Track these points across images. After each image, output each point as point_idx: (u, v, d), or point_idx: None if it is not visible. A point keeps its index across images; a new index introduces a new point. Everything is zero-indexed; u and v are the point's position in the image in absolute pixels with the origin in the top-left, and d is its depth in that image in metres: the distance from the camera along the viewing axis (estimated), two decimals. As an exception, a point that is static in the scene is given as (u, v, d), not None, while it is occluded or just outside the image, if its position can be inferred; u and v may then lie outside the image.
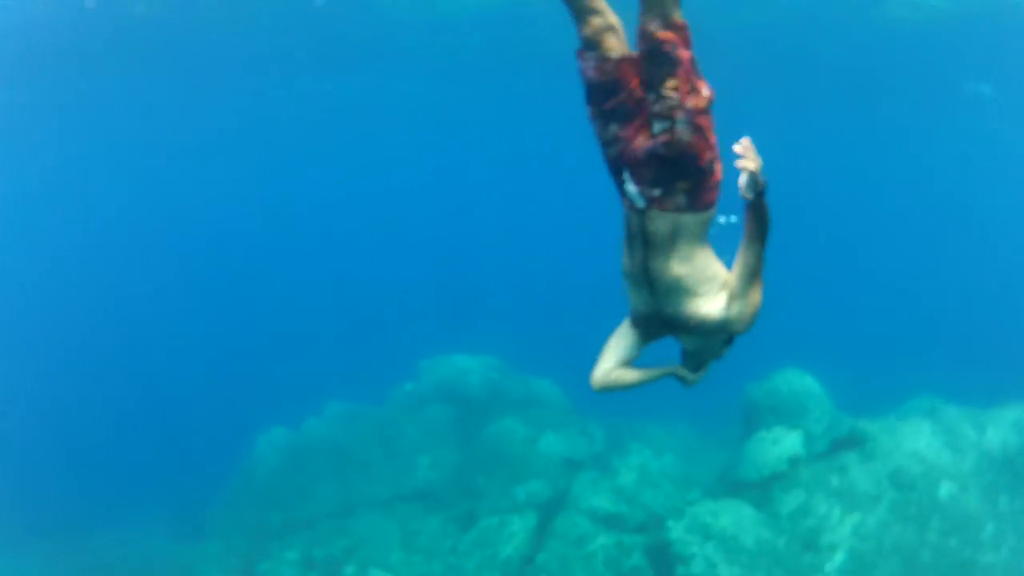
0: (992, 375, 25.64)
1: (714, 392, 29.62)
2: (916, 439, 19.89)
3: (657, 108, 4.90)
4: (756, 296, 5.31)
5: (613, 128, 5.16)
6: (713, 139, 4.94)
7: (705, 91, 4.85)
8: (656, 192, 5.05)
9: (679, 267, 5.24)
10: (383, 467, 24.98)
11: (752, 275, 5.20)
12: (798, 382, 22.47)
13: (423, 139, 49.70)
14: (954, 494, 18.62)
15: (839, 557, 17.63)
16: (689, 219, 5.09)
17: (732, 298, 5.31)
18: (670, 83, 4.80)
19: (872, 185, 50.77)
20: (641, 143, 5.04)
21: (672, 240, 5.17)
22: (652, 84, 4.91)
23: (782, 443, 19.98)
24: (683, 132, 4.82)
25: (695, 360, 6.02)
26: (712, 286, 5.35)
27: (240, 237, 57.58)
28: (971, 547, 18.10)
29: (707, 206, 5.11)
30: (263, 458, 26.08)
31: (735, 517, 18.34)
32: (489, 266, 50.33)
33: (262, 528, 23.60)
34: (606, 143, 5.24)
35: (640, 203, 5.13)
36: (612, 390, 5.90)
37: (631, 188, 5.16)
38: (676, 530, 18.30)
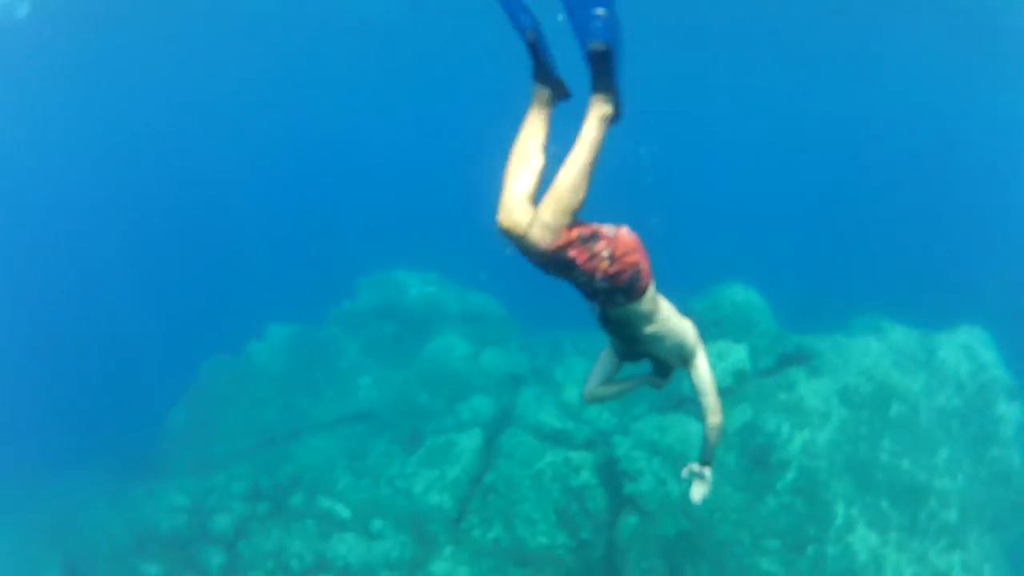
0: (937, 299, 25.34)
1: None
2: (865, 357, 19.31)
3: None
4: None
5: (567, 276, 6.15)
6: (635, 258, 6.15)
7: (603, 253, 5.96)
8: (601, 301, 6.42)
9: (645, 327, 6.72)
10: (325, 389, 24.56)
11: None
12: (742, 296, 22.11)
13: (353, 62, 48.84)
14: (905, 415, 18.25)
15: (789, 475, 17.19)
16: (635, 305, 6.43)
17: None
18: (580, 271, 5.98)
19: (814, 100, 49.71)
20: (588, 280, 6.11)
21: (630, 317, 6.57)
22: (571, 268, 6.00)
23: (727, 357, 19.39)
24: (609, 281, 6.08)
25: (662, 369, 7.41)
26: (672, 324, 7.01)
27: (176, 164, 56.03)
28: (925, 471, 17.74)
29: (643, 292, 6.38)
30: (205, 388, 25.58)
31: (682, 432, 18.03)
32: (425, 183, 49.31)
33: (207, 461, 23.08)
34: (567, 280, 6.26)
35: (597, 311, 6.61)
36: (601, 402, 7.36)
37: (589, 302, 6.54)
38: (623, 446, 18.09)
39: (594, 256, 5.92)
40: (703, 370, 7.16)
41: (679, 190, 43.86)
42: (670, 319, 6.97)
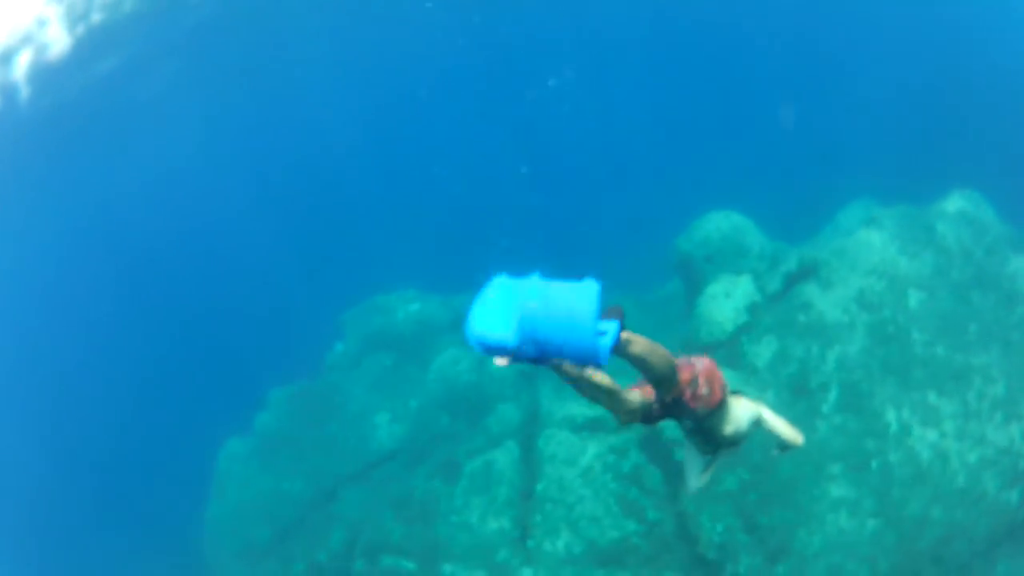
0: (918, 167, 24.75)
1: (642, 253, 28.97)
2: (869, 254, 18.92)
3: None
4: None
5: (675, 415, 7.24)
6: (722, 382, 7.42)
7: (703, 391, 7.15)
8: (695, 419, 7.42)
9: (726, 427, 7.70)
10: (345, 440, 24.16)
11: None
12: (727, 223, 21.71)
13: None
14: (925, 301, 18.03)
15: (832, 395, 17.00)
16: (721, 413, 7.53)
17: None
18: (690, 410, 7.16)
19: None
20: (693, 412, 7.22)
21: (716, 424, 7.57)
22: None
23: (735, 293, 19.01)
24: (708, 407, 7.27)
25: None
26: (740, 412, 7.93)
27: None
28: (960, 352, 17.39)
29: (726, 403, 7.54)
30: (228, 475, 25.19)
31: None
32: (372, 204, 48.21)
33: (255, 549, 22.90)
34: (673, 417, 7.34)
35: (689, 426, 7.66)
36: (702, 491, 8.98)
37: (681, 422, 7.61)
38: None
39: (697, 396, 7.09)
40: (773, 421, 8.35)
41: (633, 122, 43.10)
42: (739, 410, 7.91)
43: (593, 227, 36.77)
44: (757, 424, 8.26)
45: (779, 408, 15.31)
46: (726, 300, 18.87)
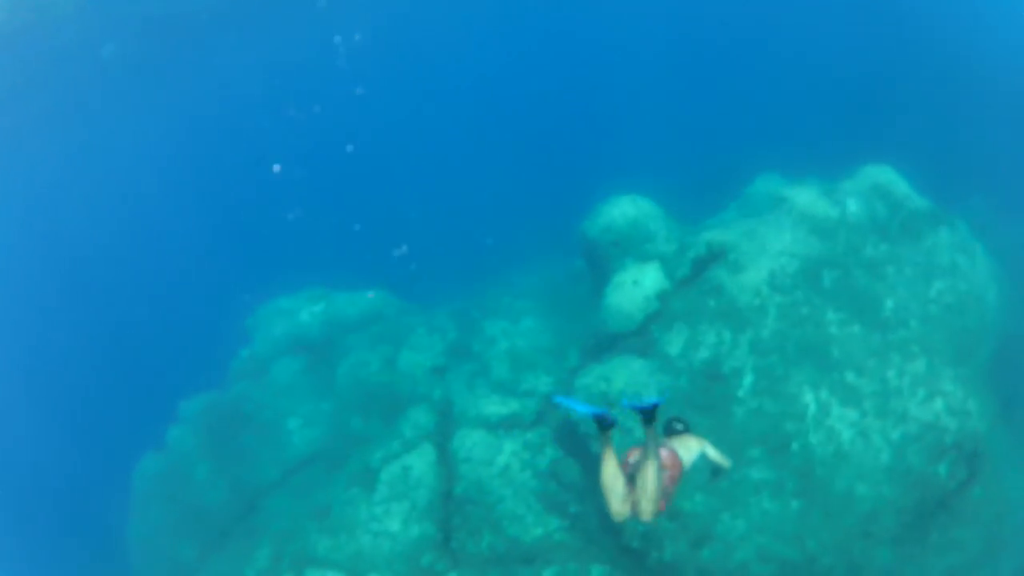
0: (823, 140, 24.63)
1: (544, 236, 28.52)
2: (780, 236, 18.90)
3: None
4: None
5: None
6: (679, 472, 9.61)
7: (671, 489, 9.34)
8: None
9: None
10: (260, 449, 23.35)
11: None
12: (631, 208, 21.24)
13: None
14: (839, 280, 18.10)
15: (748, 380, 16.82)
16: None
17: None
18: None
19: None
20: None
21: None
22: None
23: (643, 281, 18.86)
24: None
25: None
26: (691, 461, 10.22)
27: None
28: (878, 329, 17.41)
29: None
30: (145, 493, 24.37)
31: (628, 375, 17.51)
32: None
33: (182, 566, 22.06)
34: None
35: None
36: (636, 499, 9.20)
37: None
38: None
39: (668, 497, 9.20)
40: (710, 453, 10.72)
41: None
42: (688, 458, 10.06)
43: (501, 208, 36.25)
44: (702, 456, 10.60)
45: (693, 395, 14.96)
46: (634, 289, 18.73)
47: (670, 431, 10.78)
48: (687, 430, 10.91)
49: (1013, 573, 16.48)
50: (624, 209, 20.96)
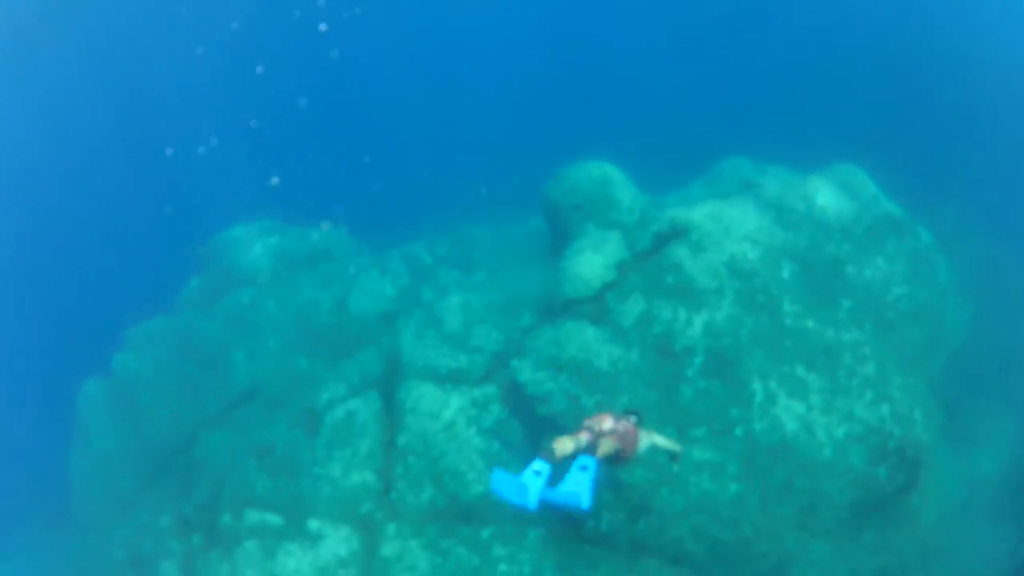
0: (794, 131, 24.89)
1: (504, 192, 28.44)
2: (744, 221, 19.02)
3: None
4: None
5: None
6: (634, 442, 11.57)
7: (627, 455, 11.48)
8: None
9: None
10: (204, 380, 23.22)
11: None
12: (598, 173, 21.09)
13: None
14: (799, 274, 18.45)
15: (698, 360, 16.93)
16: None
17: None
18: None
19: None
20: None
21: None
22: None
23: (603, 249, 18.90)
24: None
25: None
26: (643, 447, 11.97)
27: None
28: (831, 327, 17.68)
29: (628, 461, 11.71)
30: (88, 419, 24.36)
31: (580, 342, 17.58)
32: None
33: (121, 498, 22.22)
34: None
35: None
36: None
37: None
38: (524, 370, 17.71)
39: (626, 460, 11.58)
40: (662, 442, 12.42)
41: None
42: (643, 445, 11.83)
43: (465, 158, 36.07)
44: (652, 446, 12.23)
45: (643, 369, 15.00)
46: (594, 255, 18.74)
47: (625, 419, 12.30)
48: (640, 424, 12.32)
49: None
50: (590, 174, 20.90)
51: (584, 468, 10.38)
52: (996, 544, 17.90)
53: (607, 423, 11.50)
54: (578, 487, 10.00)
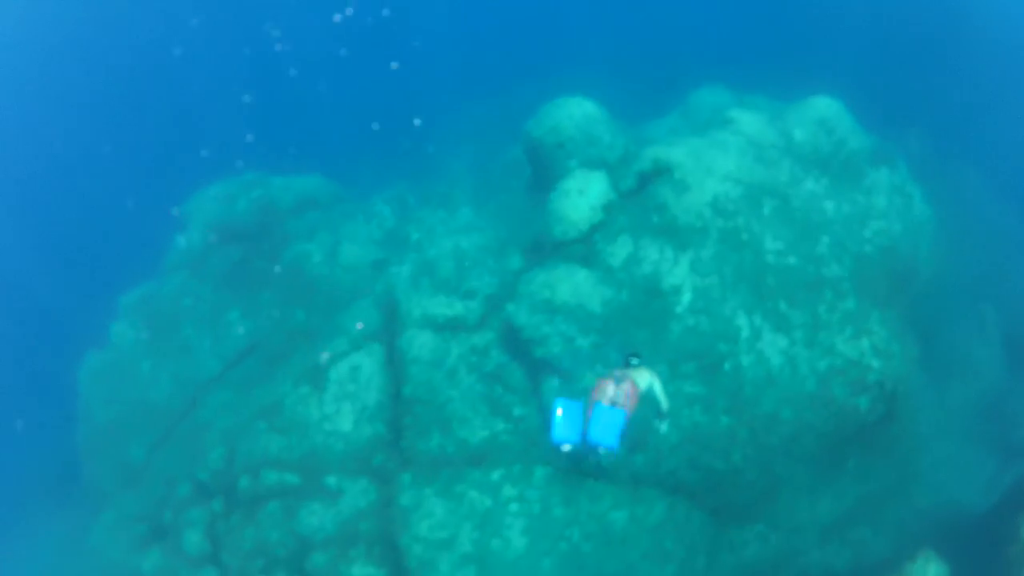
0: (771, 65, 25.04)
1: (477, 122, 28.45)
2: (726, 160, 19.53)
3: None
4: None
5: None
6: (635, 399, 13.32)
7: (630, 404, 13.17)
8: None
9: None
10: (201, 340, 23.86)
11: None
12: (578, 110, 21.51)
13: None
14: (779, 210, 19.06)
15: (685, 298, 17.61)
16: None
17: None
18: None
19: None
20: None
21: None
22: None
23: (589, 191, 19.22)
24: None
25: None
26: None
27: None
28: (812, 263, 18.29)
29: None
30: (91, 393, 24.66)
31: (572, 285, 18.15)
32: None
33: (132, 469, 22.70)
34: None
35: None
36: None
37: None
38: (520, 315, 18.19)
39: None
40: (658, 391, 13.77)
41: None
42: (642, 384, 13.55)
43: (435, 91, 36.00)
44: (650, 387, 13.64)
45: (632, 308, 15.64)
46: (580, 197, 19.10)
47: (628, 365, 13.53)
48: (642, 365, 13.99)
49: (924, 507, 18.04)
50: (570, 111, 21.37)
51: (612, 416, 12.74)
52: (973, 468, 18.93)
53: (609, 390, 13.00)
54: (609, 430, 12.62)
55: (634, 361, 13.80)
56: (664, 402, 13.85)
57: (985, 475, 19.31)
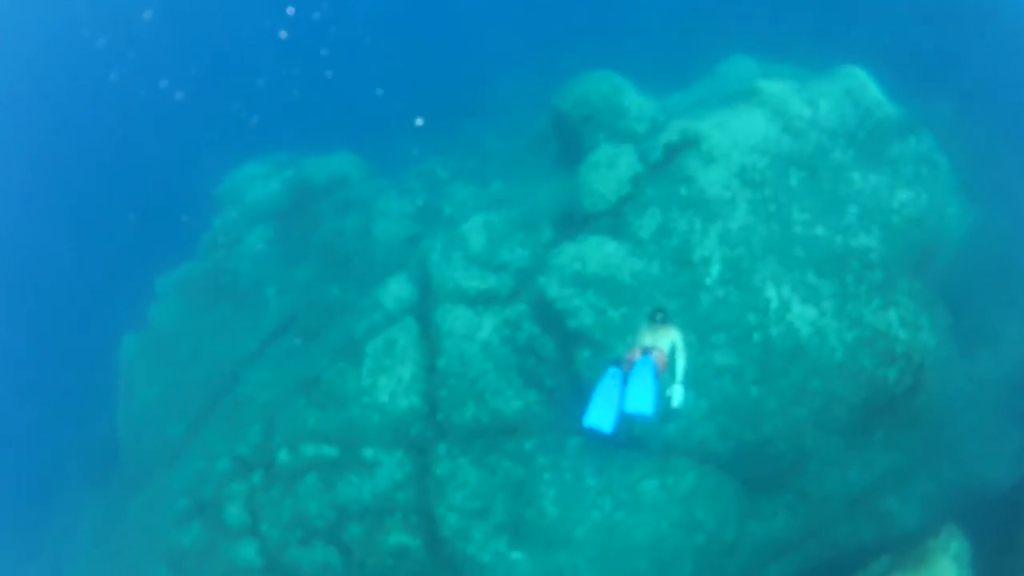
0: (798, 35, 24.92)
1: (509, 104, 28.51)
2: (752, 131, 19.73)
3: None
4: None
5: None
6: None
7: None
8: None
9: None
10: (238, 319, 24.43)
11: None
12: (605, 83, 21.86)
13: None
14: (806, 181, 19.26)
15: (715, 269, 17.86)
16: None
17: None
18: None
19: None
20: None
21: None
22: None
23: (617, 164, 19.55)
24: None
25: None
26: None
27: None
28: (839, 234, 18.46)
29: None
30: (130, 373, 25.32)
31: (602, 257, 18.43)
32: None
33: (172, 447, 23.13)
34: None
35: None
36: None
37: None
38: (551, 287, 18.42)
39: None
40: (679, 347, 13.51)
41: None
42: (665, 343, 13.55)
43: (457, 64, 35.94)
44: (673, 348, 13.59)
45: (662, 280, 15.75)
46: (608, 170, 19.44)
47: (653, 320, 14.19)
48: (666, 320, 14.19)
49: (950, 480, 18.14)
50: (597, 86, 21.72)
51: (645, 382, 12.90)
52: (1001, 442, 18.96)
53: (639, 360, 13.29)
54: (643, 398, 12.70)
55: (658, 316, 14.02)
56: (681, 362, 13.45)
57: (1012, 449, 19.40)
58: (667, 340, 13.57)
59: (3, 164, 45.76)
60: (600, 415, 13.04)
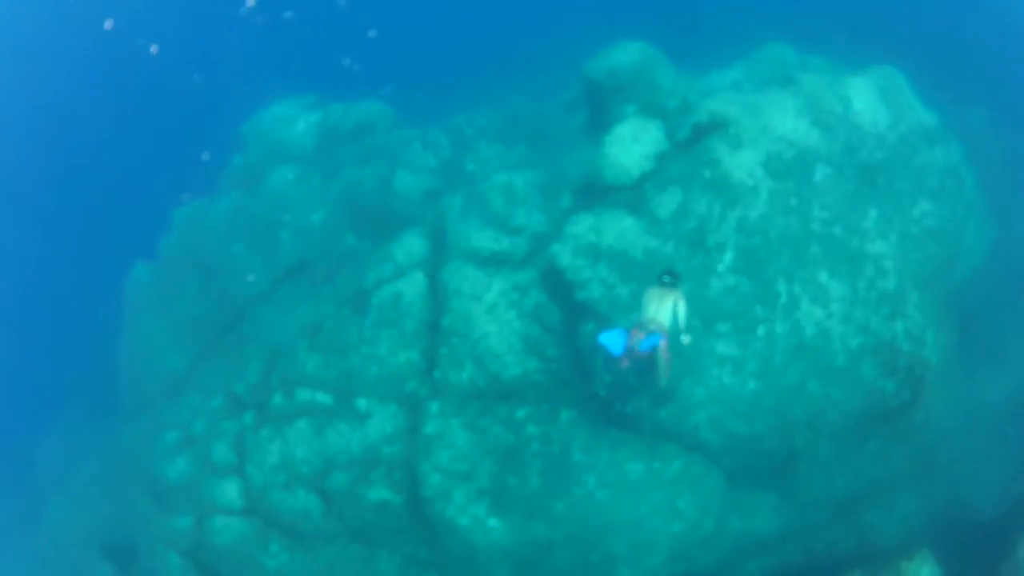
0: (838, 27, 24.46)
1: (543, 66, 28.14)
2: (783, 120, 19.32)
3: None
4: None
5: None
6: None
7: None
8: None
9: None
10: (250, 257, 24.13)
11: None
12: (638, 55, 21.07)
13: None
14: (830, 178, 18.94)
15: (728, 256, 17.61)
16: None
17: None
18: None
19: None
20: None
21: None
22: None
23: (643, 139, 19.18)
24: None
25: None
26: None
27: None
28: (857, 236, 18.21)
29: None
30: (137, 302, 25.48)
31: (618, 231, 18.16)
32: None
33: (172, 379, 23.35)
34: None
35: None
36: None
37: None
38: (564, 256, 18.24)
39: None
40: (680, 314, 14.56)
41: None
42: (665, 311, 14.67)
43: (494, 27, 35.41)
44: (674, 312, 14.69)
45: (675, 261, 15.72)
46: (634, 144, 19.07)
47: (661, 283, 15.15)
48: (674, 285, 15.20)
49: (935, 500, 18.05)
50: (631, 55, 21.05)
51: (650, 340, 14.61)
52: (991, 469, 18.85)
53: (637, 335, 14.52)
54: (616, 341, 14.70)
55: (667, 279, 14.92)
56: (682, 314, 14.88)
57: (1001, 477, 19.41)
58: (670, 305, 14.55)
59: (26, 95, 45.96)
60: (613, 340, 14.89)
